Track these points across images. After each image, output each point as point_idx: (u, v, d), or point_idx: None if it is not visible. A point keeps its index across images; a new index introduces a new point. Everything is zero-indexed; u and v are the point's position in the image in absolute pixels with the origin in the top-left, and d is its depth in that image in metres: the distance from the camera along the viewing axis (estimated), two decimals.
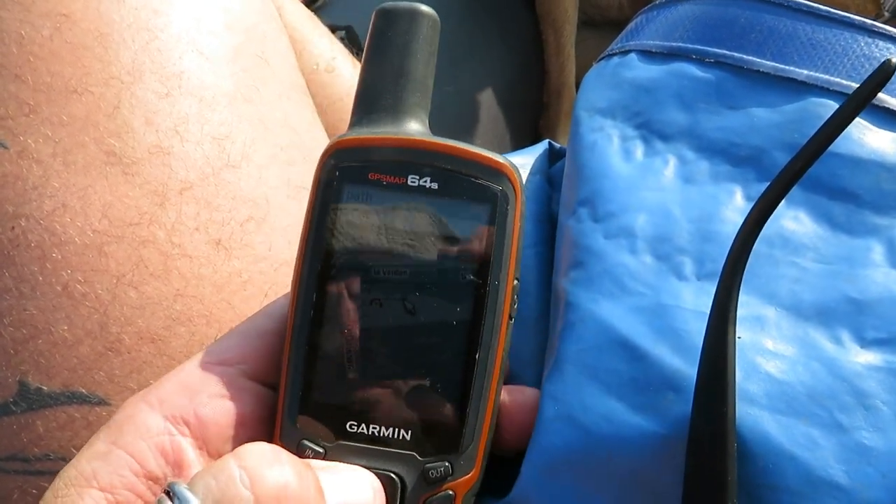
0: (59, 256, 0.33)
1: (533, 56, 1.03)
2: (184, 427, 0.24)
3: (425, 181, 0.25)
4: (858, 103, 0.19)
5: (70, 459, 0.32)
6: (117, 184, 0.35)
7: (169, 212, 0.35)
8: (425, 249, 0.25)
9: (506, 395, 0.27)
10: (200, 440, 0.24)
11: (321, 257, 0.25)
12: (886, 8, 0.86)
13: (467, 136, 0.83)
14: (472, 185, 0.25)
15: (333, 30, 0.69)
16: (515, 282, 0.25)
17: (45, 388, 0.32)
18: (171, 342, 0.34)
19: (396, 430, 0.25)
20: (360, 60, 0.69)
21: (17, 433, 0.32)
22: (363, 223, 0.25)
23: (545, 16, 1.04)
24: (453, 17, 0.89)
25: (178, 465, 0.24)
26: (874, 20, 0.92)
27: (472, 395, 0.25)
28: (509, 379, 0.30)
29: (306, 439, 0.25)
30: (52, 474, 0.32)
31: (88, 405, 0.32)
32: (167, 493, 0.21)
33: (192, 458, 0.24)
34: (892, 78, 0.29)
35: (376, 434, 0.25)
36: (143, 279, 0.34)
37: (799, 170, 0.21)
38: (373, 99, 0.27)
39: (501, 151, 0.92)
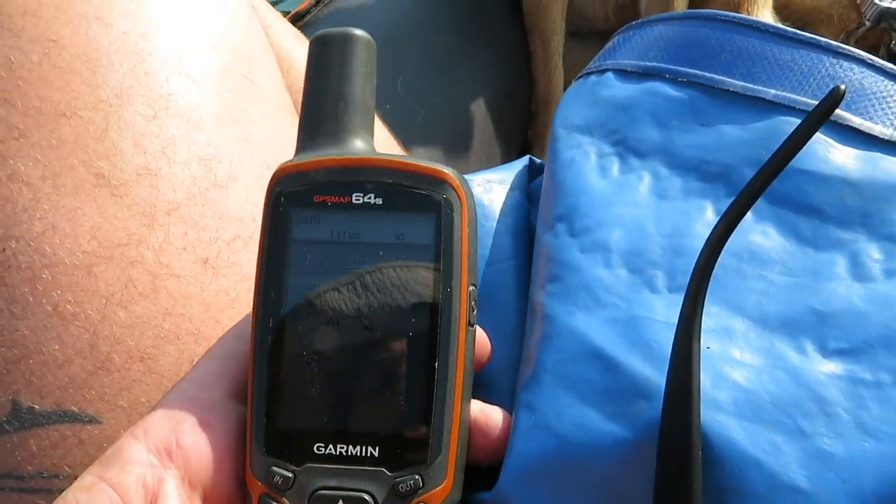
0: (50, 277, 0.34)
1: (521, 66, 1.04)
2: (166, 458, 0.25)
3: (369, 198, 0.26)
4: (809, 128, 0.20)
5: (62, 476, 0.33)
6: (106, 205, 0.36)
7: (157, 232, 0.36)
8: (375, 265, 0.25)
9: (476, 414, 0.27)
10: (183, 470, 0.25)
11: (275, 284, 0.26)
12: (867, 17, 0.88)
13: (455, 146, 0.84)
14: (415, 197, 0.26)
15: None
16: (472, 288, 0.26)
17: (37, 406, 0.33)
18: (161, 360, 0.34)
19: (364, 447, 0.25)
20: None
21: (11, 451, 0.32)
22: (313, 246, 0.26)
23: (533, 27, 1.05)
24: (440, 28, 0.90)
25: (155, 498, 0.24)
26: (857, 28, 0.92)
27: (434, 405, 0.25)
28: (486, 389, 0.30)
29: (275, 465, 0.25)
30: (46, 491, 0.33)
31: (80, 423, 0.33)
32: None
33: (172, 490, 0.24)
34: (857, 98, 0.30)
35: (344, 453, 0.25)
36: (132, 298, 0.35)
37: (758, 188, 0.22)
38: (314, 124, 0.28)
39: (490, 161, 0.93)
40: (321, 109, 0.28)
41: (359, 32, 0.29)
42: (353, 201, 0.26)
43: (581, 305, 0.28)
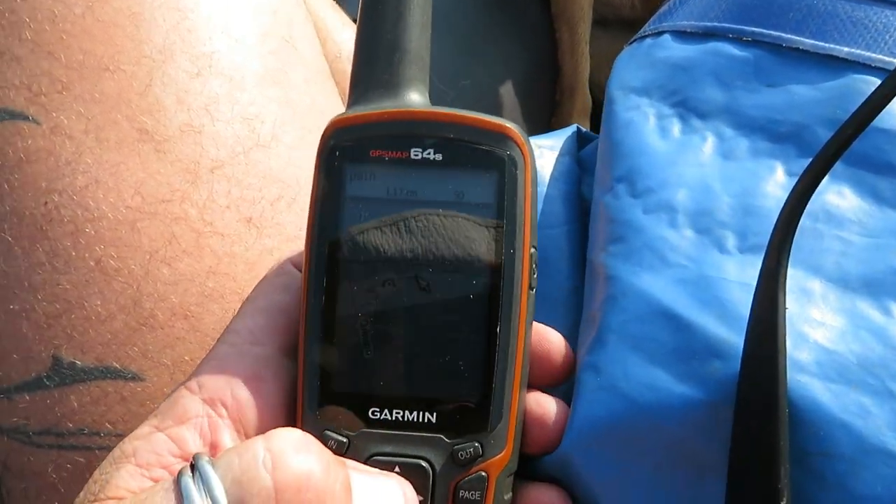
0: (93, 232, 0.33)
1: (546, 53, 1.03)
2: (222, 409, 0.24)
3: (429, 153, 0.24)
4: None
5: (103, 433, 0.32)
6: (149, 161, 0.35)
7: (201, 189, 0.35)
8: (434, 224, 0.24)
9: (531, 405, 0.26)
10: (238, 422, 0.24)
11: (329, 241, 0.25)
12: None
13: None
14: (477, 153, 0.24)
15: (355, 22, 0.70)
16: (532, 250, 0.25)
17: (78, 362, 0.32)
18: (204, 318, 0.34)
19: (421, 413, 0.24)
20: None
21: (51, 407, 0.32)
22: (369, 202, 0.25)
23: (560, 14, 1.04)
24: (469, 12, 0.89)
25: (214, 446, 0.24)
26: None
27: (496, 370, 0.24)
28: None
29: (329, 429, 0.24)
30: (87, 449, 0.32)
31: (122, 380, 0.32)
32: (191, 465, 0.21)
33: (228, 439, 0.24)
34: None
35: (400, 419, 0.24)
36: (176, 256, 0.34)
37: (845, 142, 0.21)
38: (369, 74, 0.27)
39: None
40: (376, 59, 0.27)
41: None
42: (412, 157, 0.25)
43: (646, 266, 0.27)
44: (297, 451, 0.21)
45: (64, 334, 0.32)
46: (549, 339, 0.26)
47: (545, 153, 0.37)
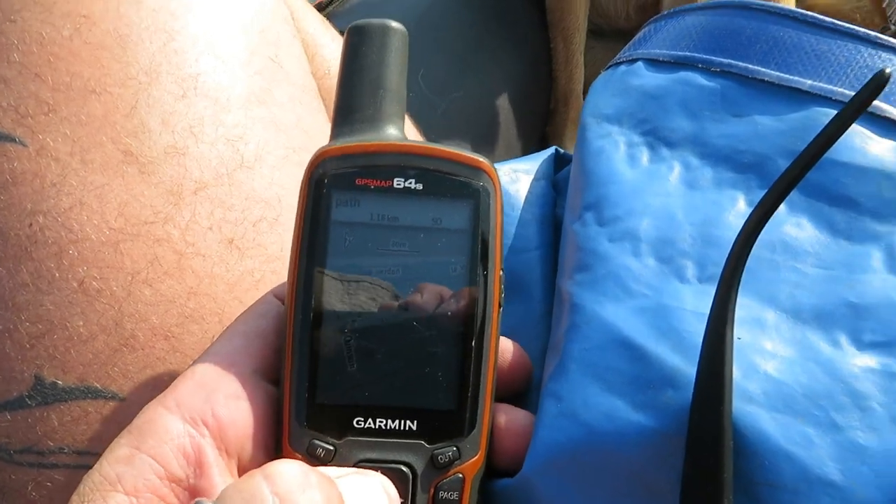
0: (76, 253, 0.34)
1: (541, 63, 1.03)
2: (203, 428, 0.25)
3: (410, 182, 0.26)
4: (853, 112, 0.20)
5: (84, 452, 0.33)
6: (133, 182, 0.36)
7: (183, 211, 0.36)
8: (415, 247, 0.26)
9: (500, 417, 0.27)
10: (219, 440, 0.25)
11: (316, 262, 0.26)
12: (893, 21, 0.87)
13: (475, 139, 0.83)
14: (454, 183, 0.27)
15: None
16: (501, 272, 0.27)
17: (60, 382, 0.33)
18: (185, 339, 0.34)
19: (403, 421, 0.26)
20: None
21: (32, 426, 0.32)
22: (354, 226, 0.26)
23: (556, 24, 1.05)
24: (462, 22, 0.90)
25: (199, 466, 0.24)
26: (881, 31, 0.93)
27: (471, 381, 0.26)
28: None
29: (316, 439, 0.26)
30: (67, 467, 0.33)
31: (103, 399, 0.33)
32: None
33: (212, 458, 0.25)
34: (893, 88, 0.29)
35: (384, 427, 0.26)
36: (158, 277, 0.35)
37: (797, 175, 0.21)
38: (353, 109, 0.29)
39: (509, 156, 0.93)
40: (360, 96, 0.29)
41: (396, 24, 0.30)
42: (395, 185, 0.27)
43: (609, 295, 0.28)
44: (302, 489, 0.21)
45: (46, 354, 0.33)
46: (505, 349, 0.28)
47: (521, 177, 0.37)
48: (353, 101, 0.29)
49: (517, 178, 0.37)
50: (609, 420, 0.25)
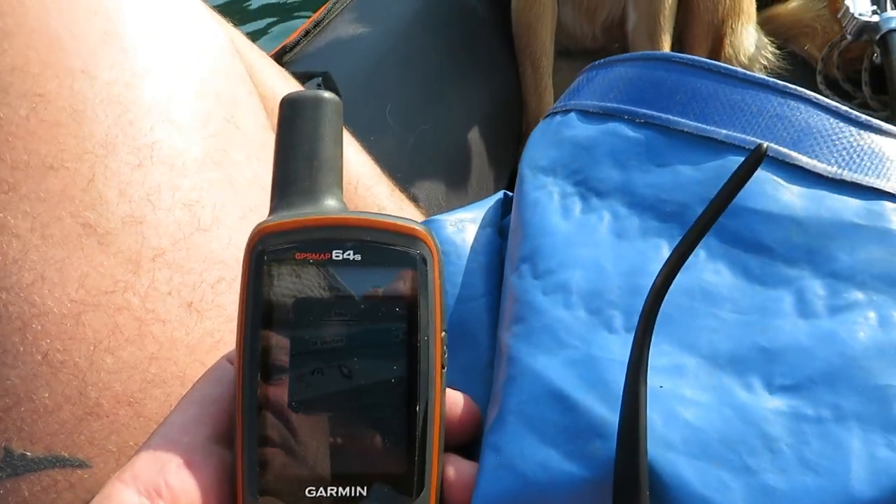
0: (39, 327, 0.35)
1: (510, 90, 1.05)
2: (157, 498, 0.26)
3: (348, 254, 0.27)
4: (734, 187, 0.22)
5: None
6: (93, 254, 0.37)
7: (142, 278, 0.38)
8: (357, 317, 0.27)
9: (449, 470, 0.28)
10: None
11: (259, 338, 0.27)
12: (848, 31, 0.89)
13: (445, 171, 0.85)
14: (392, 253, 0.27)
15: (310, 77, 0.72)
16: (443, 333, 0.28)
17: (28, 453, 0.34)
18: (148, 404, 0.36)
19: (353, 488, 0.26)
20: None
21: (4, 497, 0.34)
22: (296, 299, 0.27)
23: (522, 49, 1.07)
24: (428, 55, 0.91)
25: None
26: (840, 41, 0.94)
27: (417, 444, 0.27)
28: None
29: None
30: None
31: (70, 468, 0.34)
32: None
33: None
34: (804, 136, 0.31)
35: (334, 495, 0.26)
36: (119, 345, 0.36)
37: (693, 240, 0.23)
38: (289, 184, 0.29)
39: (482, 184, 0.93)
40: (295, 169, 0.30)
41: (328, 95, 0.30)
42: (333, 257, 0.27)
43: (543, 347, 0.29)
44: None
45: (14, 427, 0.34)
46: (455, 402, 0.29)
47: (468, 226, 0.39)
48: (288, 174, 0.30)
49: (463, 227, 0.39)
50: (543, 470, 0.27)
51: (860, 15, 0.86)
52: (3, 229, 0.37)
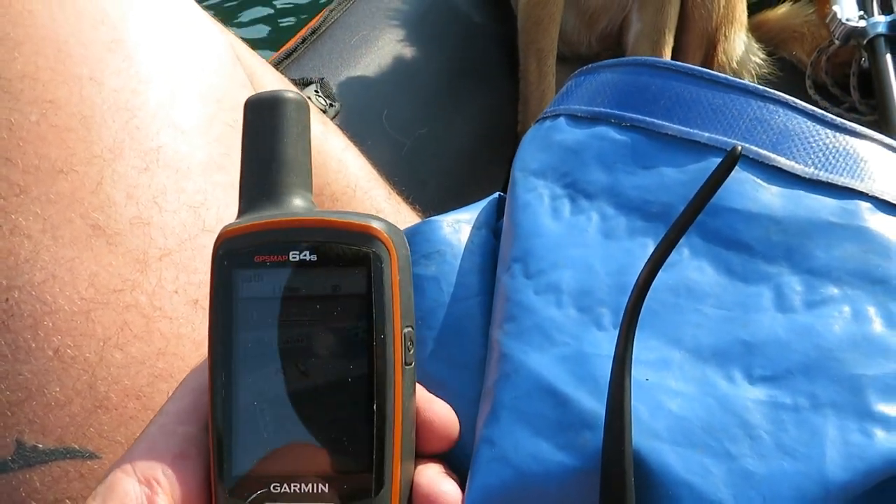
0: (51, 324, 0.37)
1: (505, 94, 1.07)
2: (156, 485, 0.27)
3: (305, 255, 0.28)
4: (710, 189, 0.23)
5: None
6: (102, 254, 0.39)
7: (150, 277, 0.39)
8: (315, 316, 0.28)
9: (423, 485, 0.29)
10: (171, 497, 0.27)
11: (225, 339, 0.28)
12: (836, 36, 0.91)
13: (442, 175, 0.86)
14: (347, 252, 0.28)
15: (307, 83, 0.73)
16: (408, 329, 0.28)
17: (40, 445, 0.35)
18: (155, 398, 0.37)
19: (315, 484, 0.27)
20: (332, 111, 0.73)
21: (16, 488, 0.35)
22: (258, 300, 0.28)
23: (529, 45, 1.07)
24: (424, 61, 0.93)
25: None
26: (828, 46, 0.96)
27: (375, 442, 0.27)
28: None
29: (237, 502, 0.27)
30: None
31: (81, 459, 0.36)
32: None
33: None
34: (782, 139, 0.32)
35: (298, 491, 0.27)
36: (128, 341, 0.37)
37: (672, 238, 0.24)
38: (252, 186, 0.30)
39: (477, 187, 0.95)
40: (257, 172, 0.30)
41: (288, 94, 0.31)
42: (291, 259, 0.28)
43: (535, 345, 0.31)
44: None
45: (26, 420, 0.36)
46: (433, 410, 0.30)
47: (463, 227, 0.40)
48: (251, 177, 0.30)
49: (459, 227, 0.40)
50: (536, 461, 0.28)
51: (847, 20, 0.88)
52: (15, 230, 0.38)
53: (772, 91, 0.33)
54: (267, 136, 0.30)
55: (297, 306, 0.28)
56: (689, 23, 1.06)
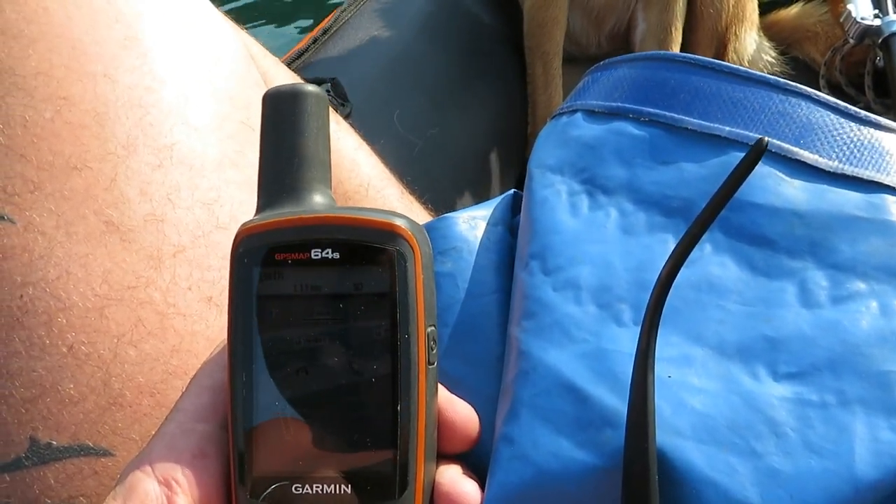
0: (65, 320, 0.37)
1: (515, 93, 1.07)
2: (175, 486, 0.27)
3: (327, 253, 0.27)
4: (736, 180, 0.23)
5: None
6: (116, 251, 0.38)
7: (164, 274, 0.39)
8: (338, 315, 0.27)
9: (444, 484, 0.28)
10: (189, 498, 0.27)
11: (246, 339, 0.27)
12: (851, 35, 0.90)
13: (454, 175, 0.86)
14: (370, 250, 0.27)
15: (319, 82, 0.73)
16: (431, 329, 0.27)
17: (54, 442, 0.35)
18: (169, 394, 0.37)
19: (337, 485, 0.27)
20: (343, 111, 0.73)
21: (30, 485, 0.35)
22: (279, 299, 0.27)
23: (535, 49, 1.08)
24: (436, 61, 0.93)
25: None
26: (843, 45, 0.95)
27: (399, 443, 0.26)
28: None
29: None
30: None
31: (95, 456, 0.35)
32: None
33: None
34: (805, 132, 0.32)
35: (320, 492, 0.26)
36: (142, 337, 0.37)
37: (696, 233, 0.24)
38: (272, 182, 0.29)
39: (489, 186, 0.94)
40: (277, 167, 0.30)
41: (309, 88, 0.30)
42: (312, 257, 0.27)
43: (554, 342, 0.30)
44: None
45: (40, 417, 0.35)
46: (455, 410, 0.29)
47: (479, 223, 0.40)
48: (271, 172, 0.30)
49: (475, 224, 0.40)
50: (556, 459, 0.28)
51: (862, 19, 0.87)
52: (29, 227, 0.38)
53: (794, 84, 0.33)
54: (287, 130, 0.29)
55: (318, 305, 0.27)
56: (698, 21, 1.06)
